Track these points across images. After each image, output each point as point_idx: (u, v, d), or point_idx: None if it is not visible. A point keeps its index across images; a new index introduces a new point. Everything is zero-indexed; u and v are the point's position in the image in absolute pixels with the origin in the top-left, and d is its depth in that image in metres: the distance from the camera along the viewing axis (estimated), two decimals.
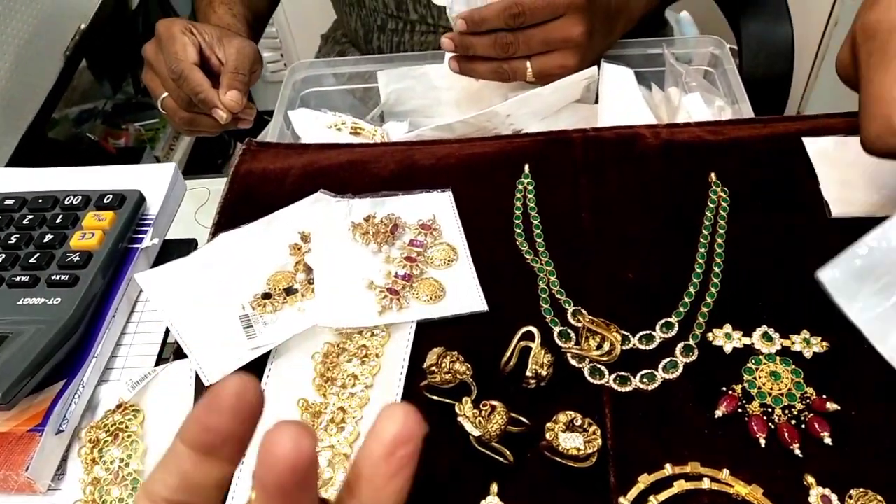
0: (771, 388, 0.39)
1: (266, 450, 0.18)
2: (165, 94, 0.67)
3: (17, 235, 0.48)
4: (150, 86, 0.70)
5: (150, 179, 0.52)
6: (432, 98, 0.76)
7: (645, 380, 0.41)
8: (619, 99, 0.68)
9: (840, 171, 0.49)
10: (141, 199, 0.50)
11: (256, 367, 0.43)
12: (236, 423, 0.19)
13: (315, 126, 0.74)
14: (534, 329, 0.41)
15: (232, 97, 0.63)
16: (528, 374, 0.40)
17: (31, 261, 0.46)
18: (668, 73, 0.73)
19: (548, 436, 0.37)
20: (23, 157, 0.99)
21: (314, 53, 1.04)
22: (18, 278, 0.45)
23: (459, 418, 0.38)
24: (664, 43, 0.74)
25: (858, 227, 0.41)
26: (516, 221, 0.49)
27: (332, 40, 1.01)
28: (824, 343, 0.41)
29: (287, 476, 0.18)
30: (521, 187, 0.51)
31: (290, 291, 0.46)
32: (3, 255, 0.46)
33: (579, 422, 0.37)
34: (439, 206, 0.51)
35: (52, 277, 0.45)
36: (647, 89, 0.74)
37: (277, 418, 0.19)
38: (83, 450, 0.41)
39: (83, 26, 1.20)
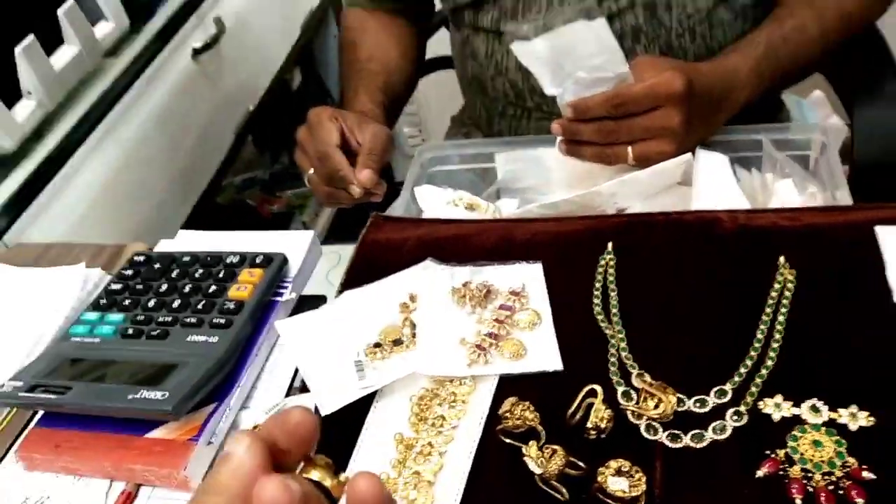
0: (812, 455, 0.43)
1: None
2: (311, 170, 0.80)
3: (191, 286, 0.60)
4: (300, 163, 0.83)
5: (293, 244, 0.64)
6: (544, 178, 0.84)
7: (695, 439, 0.46)
8: (712, 183, 0.73)
9: None
10: (284, 261, 0.61)
11: (364, 403, 0.52)
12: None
13: (437, 201, 0.84)
14: (598, 387, 0.48)
15: (366, 175, 0.74)
16: (589, 425, 0.46)
17: (199, 307, 0.58)
18: (765, 158, 0.77)
19: (599, 478, 0.43)
20: (195, 218, 1.17)
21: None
22: (189, 320, 0.57)
23: (525, 458, 0.45)
24: (763, 129, 0.78)
25: None
26: (596, 293, 0.56)
27: (460, 122, 1.12)
28: (871, 418, 0.44)
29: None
30: (602, 263, 0.58)
31: (397, 343, 0.55)
32: (180, 301, 0.59)
33: (627, 468, 0.43)
34: (529, 276, 0.58)
35: (213, 320, 0.56)
36: (748, 172, 0.79)
37: (377, 447, 0.28)
38: None
39: (251, 107, 1.39)
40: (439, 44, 1.15)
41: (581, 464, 0.45)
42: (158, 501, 0.51)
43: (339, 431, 0.50)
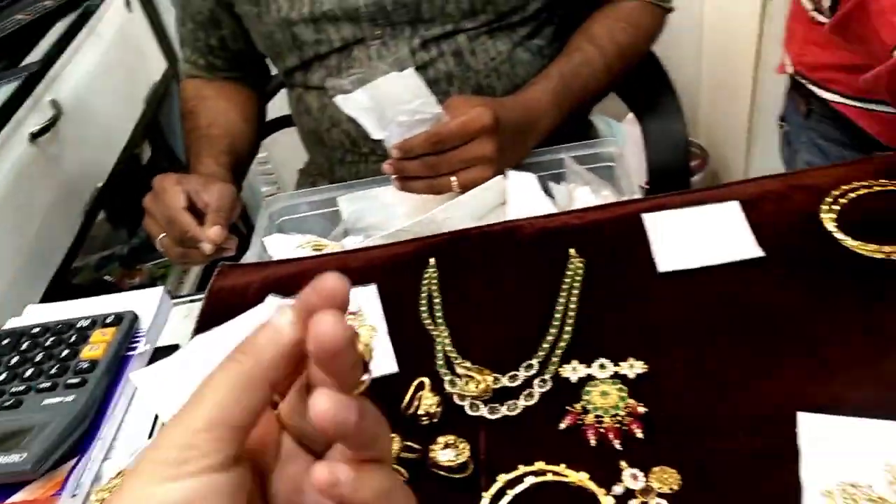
0: (602, 403, 0.52)
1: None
2: (162, 234, 0.84)
3: (43, 354, 0.63)
4: (149, 230, 0.86)
5: (144, 301, 0.68)
6: (384, 214, 0.92)
7: (510, 408, 0.53)
8: (522, 198, 0.83)
9: (666, 236, 0.63)
10: (135, 317, 0.65)
11: None
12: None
13: (286, 248, 0.89)
14: (426, 379, 0.55)
15: (215, 232, 0.79)
16: (420, 412, 0.53)
17: (52, 371, 0.60)
18: (568, 172, 0.88)
19: (430, 455, 0.50)
20: (50, 300, 1.16)
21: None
22: (42, 385, 0.59)
23: None
24: (565, 148, 0.89)
25: (680, 277, 0.55)
26: (422, 302, 0.63)
27: (307, 173, 1.19)
28: (645, 365, 0.54)
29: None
30: (427, 276, 0.66)
31: None
32: (32, 370, 0.61)
33: (452, 441, 0.50)
34: (365, 298, 0.65)
35: (68, 381, 0.59)
36: (558, 185, 0.90)
37: None
38: None
39: (99, 185, 1.39)
40: (284, 102, 1.22)
41: (416, 446, 0.51)
42: None
43: None
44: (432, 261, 0.67)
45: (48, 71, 1.27)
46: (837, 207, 0.61)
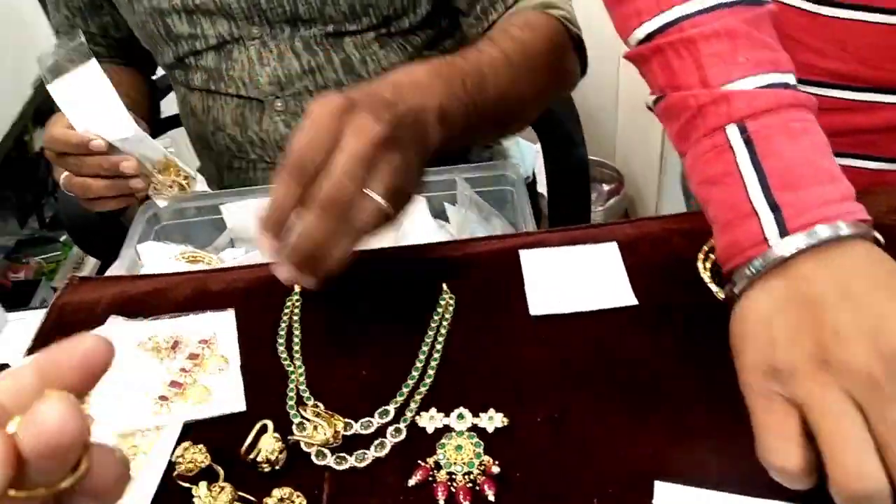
0: (455, 459, 0.49)
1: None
2: (76, 177, 0.76)
3: None
4: (60, 179, 0.79)
5: None
6: None
7: (358, 458, 0.50)
8: (415, 222, 0.80)
9: (541, 276, 0.60)
10: None
11: None
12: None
13: (160, 257, 0.83)
14: (269, 422, 0.50)
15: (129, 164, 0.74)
16: (260, 459, 0.49)
17: None
18: (459, 195, 0.86)
19: None
20: None
21: None
22: None
23: (194, 498, 0.46)
24: (457, 171, 0.87)
25: (551, 321, 0.54)
26: (281, 333, 0.59)
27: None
28: (505, 419, 0.51)
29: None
30: (289, 304, 0.61)
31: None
32: None
33: (288, 495, 0.46)
34: (220, 324, 0.60)
35: None
36: (454, 206, 0.87)
37: None
38: None
39: None
40: None
41: (251, 498, 0.47)
42: None
43: None
44: (297, 287, 0.63)
45: None
46: (714, 256, 0.60)
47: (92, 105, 0.73)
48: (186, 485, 0.49)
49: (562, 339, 0.56)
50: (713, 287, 0.58)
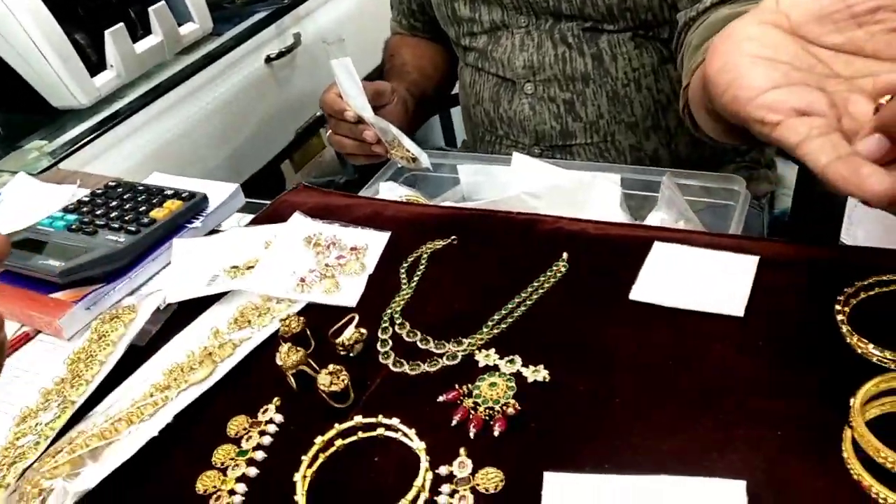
0: (485, 393, 0.52)
1: None
2: (349, 142, 0.94)
3: (129, 205, 0.77)
4: (334, 141, 0.97)
5: (219, 191, 0.79)
6: (500, 192, 0.95)
7: (412, 367, 0.55)
8: (601, 205, 0.81)
9: (662, 268, 0.59)
10: (204, 199, 0.77)
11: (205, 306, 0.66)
12: None
13: (391, 196, 0.96)
14: (356, 315, 0.59)
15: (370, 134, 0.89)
16: (338, 342, 0.57)
17: (126, 218, 0.74)
18: (661, 193, 0.84)
19: (318, 376, 0.54)
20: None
21: None
22: (114, 225, 0.73)
23: (277, 353, 0.57)
24: (682, 175, 0.85)
25: (647, 310, 0.55)
26: (409, 259, 0.67)
27: (464, 147, 1.25)
28: (547, 376, 0.52)
29: None
30: (430, 244, 0.69)
31: (250, 268, 0.69)
32: (116, 213, 0.76)
33: (335, 370, 0.54)
34: (374, 240, 0.70)
35: (128, 228, 0.72)
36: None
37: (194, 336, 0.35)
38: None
39: (319, 113, 1.56)
40: None
41: (316, 367, 0.56)
42: (44, 345, 0.67)
43: (183, 316, 0.65)
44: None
45: (297, 6, 1.47)
46: (854, 301, 0.52)
47: (348, 86, 0.89)
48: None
49: (645, 326, 0.55)
50: (843, 329, 0.51)
